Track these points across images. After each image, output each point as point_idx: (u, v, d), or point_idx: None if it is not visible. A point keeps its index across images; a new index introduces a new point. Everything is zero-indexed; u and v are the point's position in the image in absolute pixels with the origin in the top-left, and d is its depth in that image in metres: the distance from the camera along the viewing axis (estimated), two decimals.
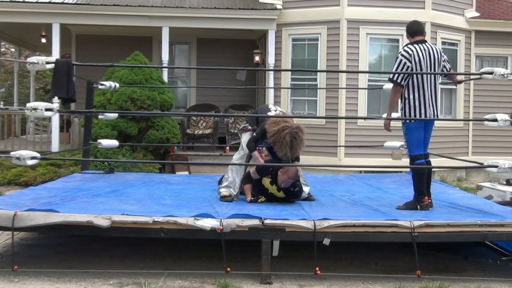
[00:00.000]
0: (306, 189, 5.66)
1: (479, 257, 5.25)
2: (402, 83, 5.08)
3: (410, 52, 5.08)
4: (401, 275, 4.60)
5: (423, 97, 5.09)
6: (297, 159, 5.46)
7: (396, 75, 5.08)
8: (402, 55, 5.10)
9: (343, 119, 10.71)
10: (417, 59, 5.06)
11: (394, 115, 5.53)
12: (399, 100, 5.24)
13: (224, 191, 5.56)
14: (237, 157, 5.77)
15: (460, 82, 5.92)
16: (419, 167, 5.19)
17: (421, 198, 5.16)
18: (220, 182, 5.90)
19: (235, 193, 5.57)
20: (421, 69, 5.07)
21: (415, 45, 5.14)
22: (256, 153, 5.55)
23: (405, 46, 5.20)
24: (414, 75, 5.07)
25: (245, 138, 5.69)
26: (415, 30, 5.29)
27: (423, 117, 5.10)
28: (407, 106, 5.14)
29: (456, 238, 4.67)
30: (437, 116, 5.23)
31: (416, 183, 5.21)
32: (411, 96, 5.10)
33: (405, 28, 5.41)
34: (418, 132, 5.19)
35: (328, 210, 4.99)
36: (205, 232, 4.38)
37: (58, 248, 5.39)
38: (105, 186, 6.27)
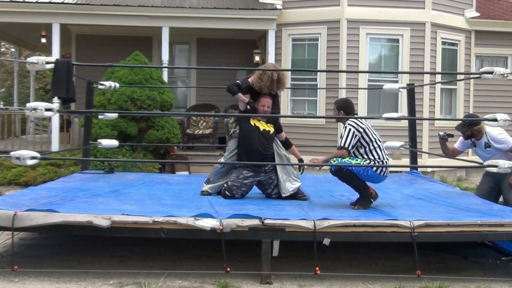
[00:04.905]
0: (296, 185, 5.64)
1: (479, 257, 5.24)
2: (350, 150, 5.13)
3: (356, 124, 5.17)
4: (401, 275, 4.61)
5: (381, 153, 5.17)
6: (276, 96, 5.76)
7: (347, 143, 5.10)
8: (349, 124, 5.18)
9: None
10: (361, 129, 5.14)
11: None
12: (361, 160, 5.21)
13: (204, 187, 5.82)
14: (221, 159, 5.91)
15: None
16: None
17: (367, 190, 5.20)
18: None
19: (211, 191, 5.77)
20: (367, 135, 5.14)
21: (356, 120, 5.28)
22: (240, 94, 5.74)
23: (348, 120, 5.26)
24: (364, 142, 5.13)
25: (231, 144, 5.85)
26: (351, 108, 5.48)
27: (387, 173, 5.19)
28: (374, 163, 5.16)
29: (456, 238, 4.67)
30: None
31: (352, 182, 5.21)
32: (373, 157, 5.14)
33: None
34: (367, 179, 5.19)
35: (328, 210, 4.98)
36: (205, 232, 4.38)
37: (58, 248, 5.39)
38: (105, 186, 6.26)
